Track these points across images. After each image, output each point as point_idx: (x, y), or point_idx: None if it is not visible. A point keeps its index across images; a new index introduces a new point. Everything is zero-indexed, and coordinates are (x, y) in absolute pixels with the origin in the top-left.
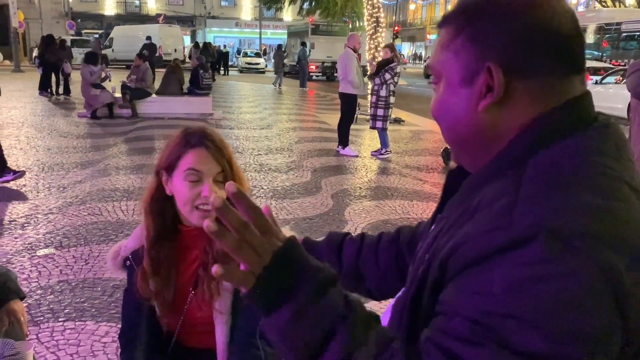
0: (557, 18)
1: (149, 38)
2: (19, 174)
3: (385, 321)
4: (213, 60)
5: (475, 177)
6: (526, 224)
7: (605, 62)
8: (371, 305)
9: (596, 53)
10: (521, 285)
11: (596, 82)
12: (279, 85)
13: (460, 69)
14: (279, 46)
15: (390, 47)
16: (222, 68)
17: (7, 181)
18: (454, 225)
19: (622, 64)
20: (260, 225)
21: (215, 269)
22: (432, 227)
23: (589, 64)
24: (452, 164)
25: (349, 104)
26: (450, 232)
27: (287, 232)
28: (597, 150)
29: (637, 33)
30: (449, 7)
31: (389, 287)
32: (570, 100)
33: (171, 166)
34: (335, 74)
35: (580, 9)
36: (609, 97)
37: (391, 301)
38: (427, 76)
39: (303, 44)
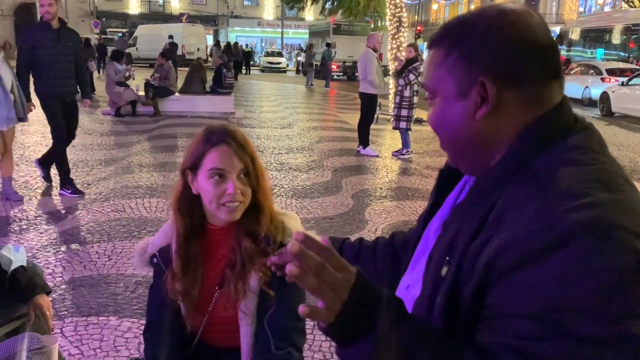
0: (534, 30)
1: (171, 37)
2: (79, 194)
3: None
4: (238, 59)
5: (483, 182)
6: (564, 225)
7: (631, 63)
8: None
9: (622, 54)
10: (571, 279)
11: (622, 84)
12: (311, 84)
13: (454, 84)
14: (310, 46)
15: (414, 46)
16: (244, 67)
17: (64, 195)
18: (478, 228)
19: None
20: (334, 264)
21: (302, 309)
22: (438, 231)
23: (616, 65)
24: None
25: (369, 104)
26: (480, 235)
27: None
28: (590, 149)
29: None
30: (472, 7)
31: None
32: (557, 105)
33: (195, 165)
34: (356, 74)
35: (607, 9)
36: (634, 98)
37: None
38: None
39: (328, 44)
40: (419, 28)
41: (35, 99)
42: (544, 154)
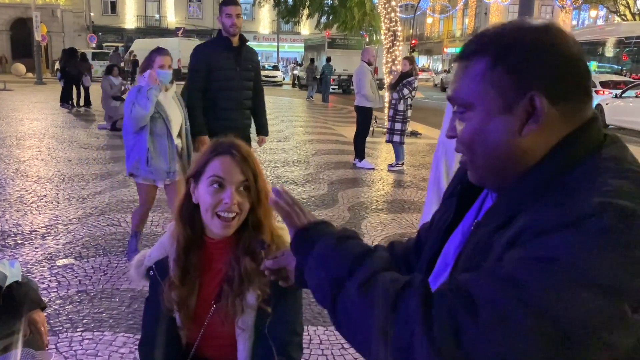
0: (575, 50)
1: None
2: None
3: None
4: None
5: (513, 194)
6: (593, 203)
7: (625, 75)
8: None
9: (616, 66)
10: (588, 256)
11: (616, 96)
12: (311, 97)
13: (498, 99)
14: (312, 60)
15: (410, 59)
16: None
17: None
18: (504, 224)
19: None
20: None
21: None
22: (459, 242)
23: (609, 77)
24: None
25: (364, 117)
26: (506, 231)
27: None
28: (624, 160)
29: None
30: (466, 21)
31: None
32: (589, 120)
33: (198, 172)
34: (351, 87)
35: (600, 22)
36: (628, 110)
37: None
38: (443, 89)
39: (328, 59)
40: (413, 42)
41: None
42: (578, 169)
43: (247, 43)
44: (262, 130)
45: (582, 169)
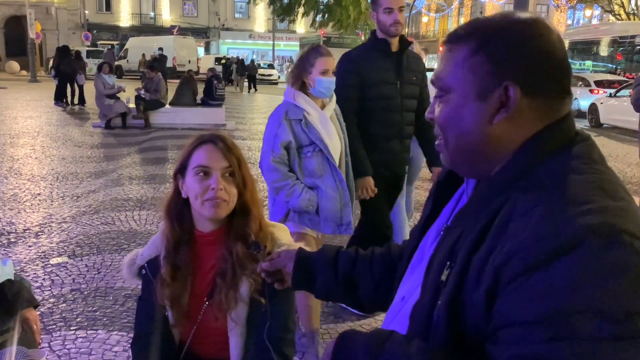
0: (557, 46)
1: (161, 49)
2: None
3: (401, 330)
4: (253, 74)
5: (486, 188)
6: (571, 229)
7: (619, 75)
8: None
9: (610, 66)
10: (580, 282)
11: (610, 95)
12: None
13: (475, 85)
14: None
15: None
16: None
17: None
18: (481, 235)
19: (636, 76)
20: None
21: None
22: (437, 239)
23: (604, 76)
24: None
25: None
26: (485, 242)
27: (296, 245)
28: (591, 159)
29: None
30: (462, 20)
31: (380, 297)
32: (562, 118)
33: (184, 166)
34: None
35: (595, 21)
36: (622, 110)
37: (384, 315)
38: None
39: None
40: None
41: None
42: (548, 162)
43: (241, 41)
44: (437, 160)
45: (552, 167)
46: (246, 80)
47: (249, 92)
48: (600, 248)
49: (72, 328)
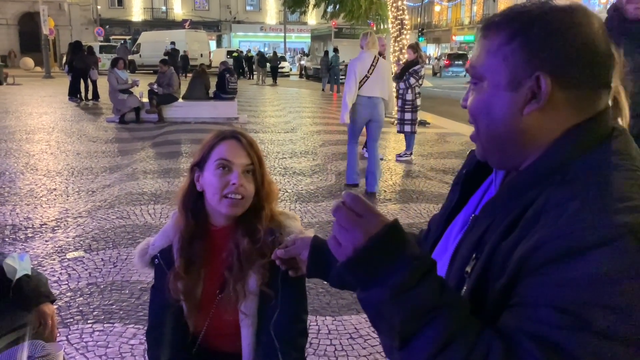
0: (598, 37)
1: (173, 43)
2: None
3: None
4: (275, 65)
5: (519, 180)
6: (609, 225)
7: None
8: None
9: None
10: (608, 278)
11: None
12: (326, 89)
13: (507, 74)
14: (326, 52)
15: (413, 47)
16: (247, 71)
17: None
18: (512, 225)
19: None
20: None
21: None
22: (464, 229)
23: None
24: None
25: None
26: (514, 233)
27: (310, 233)
28: (629, 155)
29: None
30: (475, 9)
31: None
32: (600, 112)
33: (203, 159)
34: None
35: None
36: None
37: None
38: (435, 74)
39: (336, 50)
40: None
41: None
42: (585, 157)
43: (252, 34)
44: None
45: (589, 162)
46: (268, 71)
47: (273, 83)
48: (634, 248)
49: (89, 321)
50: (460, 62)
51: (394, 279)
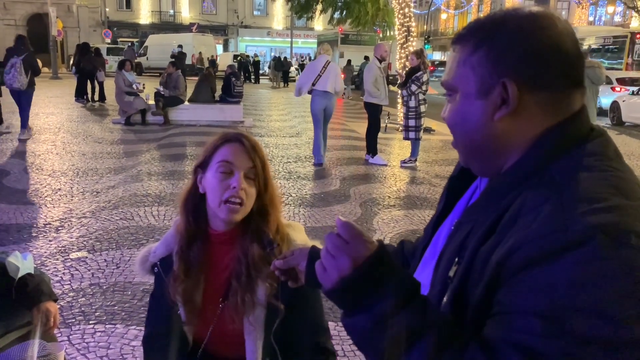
0: (562, 38)
1: (180, 46)
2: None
3: None
4: (287, 70)
5: (497, 184)
6: (580, 227)
7: None
8: None
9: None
10: (583, 280)
11: (633, 93)
12: (349, 96)
13: (476, 83)
14: (349, 61)
15: (417, 53)
16: (253, 76)
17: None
18: (490, 230)
19: None
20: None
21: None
22: (447, 233)
23: (626, 74)
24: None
25: (373, 113)
26: (493, 237)
27: (312, 243)
28: (606, 156)
29: None
30: (481, 17)
31: None
32: (575, 113)
33: (206, 161)
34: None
35: (617, 18)
36: None
37: None
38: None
39: (341, 55)
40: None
41: None
42: (561, 160)
43: (259, 39)
44: None
45: (565, 164)
46: (281, 75)
47: (284, 86)
48: (606, 248)
49: (91, 322)
50: None
51: (379, 306)
